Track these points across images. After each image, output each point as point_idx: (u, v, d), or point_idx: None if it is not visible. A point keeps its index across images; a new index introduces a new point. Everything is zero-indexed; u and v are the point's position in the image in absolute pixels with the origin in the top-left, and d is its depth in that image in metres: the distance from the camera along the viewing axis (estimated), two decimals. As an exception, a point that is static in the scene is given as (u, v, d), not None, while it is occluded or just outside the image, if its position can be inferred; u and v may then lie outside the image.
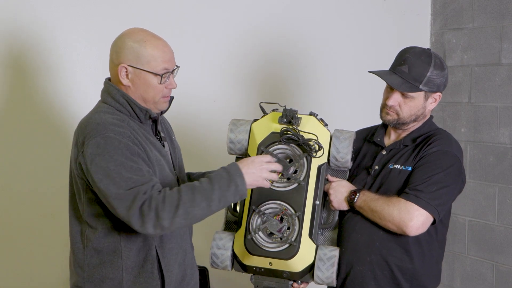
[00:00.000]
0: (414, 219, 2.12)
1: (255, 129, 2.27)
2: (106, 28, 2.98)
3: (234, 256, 2.27)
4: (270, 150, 2.18)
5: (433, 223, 2.18)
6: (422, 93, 2.23)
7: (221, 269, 2.30)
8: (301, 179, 2.16)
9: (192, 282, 2.16)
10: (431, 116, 2.35)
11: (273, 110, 2.29)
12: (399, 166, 2.25)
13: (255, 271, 2.25)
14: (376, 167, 2.31)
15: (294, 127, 2.18)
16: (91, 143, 1.90)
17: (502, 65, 3.55)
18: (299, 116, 2.21)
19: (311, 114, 2.24)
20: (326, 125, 2.25)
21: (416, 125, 2.31)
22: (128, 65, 1.98)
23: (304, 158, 2.17)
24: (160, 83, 2.01)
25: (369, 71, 2.30)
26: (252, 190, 2.19)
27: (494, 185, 3.60)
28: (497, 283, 3.59)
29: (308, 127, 2.20)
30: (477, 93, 3.69)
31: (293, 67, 3.55)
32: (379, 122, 2.39)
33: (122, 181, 1.86)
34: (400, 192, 2.19)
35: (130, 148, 1.91)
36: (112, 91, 2.02)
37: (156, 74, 1.99)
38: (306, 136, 2.17)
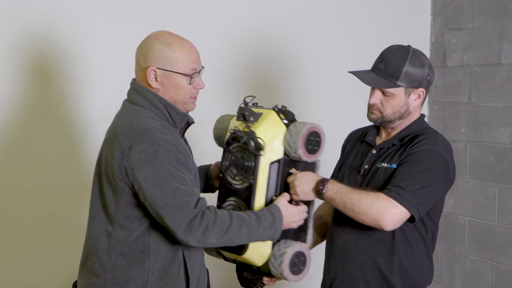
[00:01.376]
0: (392, 215, 2.09)
1: (231, 126, 2.27)
2: (105, 28, 2.99)
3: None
4: (230, 148, 2.19)
5: (412, 220, 2.16)
6: (402, 89, 2.22)
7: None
8: (251, 177, 2.15)
9: (204, 282, 2.18)
10: (422, 115, 2.34)
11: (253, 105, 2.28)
12: (385, 164, 2.24)
13: (234, 262, 2.29)
14: (366, 166, 2.30)
15: (246, 124, 2.17)
16: (139, 149, 1.91)
17: (502, 65, 3.55)
18: (260, 111, 2.19)
19: (273, 108, 2.21)
20: (291, 118, 2.21)
21: (404, 122, 2.29)
22: (157, 68, 2.00)
23: (253, 156, 2.15)
24: (189, 84, 2.03)
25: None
26: (220, 188, 2.24)
27: (494, 185, 3.60)
28: (497, 283, 3.59)
29: (264, 123, 2.17)
30: (477, 93, 3.69)
31: (294, 67, 3.55)
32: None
33: (170, 190, 1.91)
34: (383, 188, 2.17)
35: (177, 158, 1.95)
36: (148, 94, 2.02)
37: (185, 75, 2.02)
38: (260, 134, 2.15)
